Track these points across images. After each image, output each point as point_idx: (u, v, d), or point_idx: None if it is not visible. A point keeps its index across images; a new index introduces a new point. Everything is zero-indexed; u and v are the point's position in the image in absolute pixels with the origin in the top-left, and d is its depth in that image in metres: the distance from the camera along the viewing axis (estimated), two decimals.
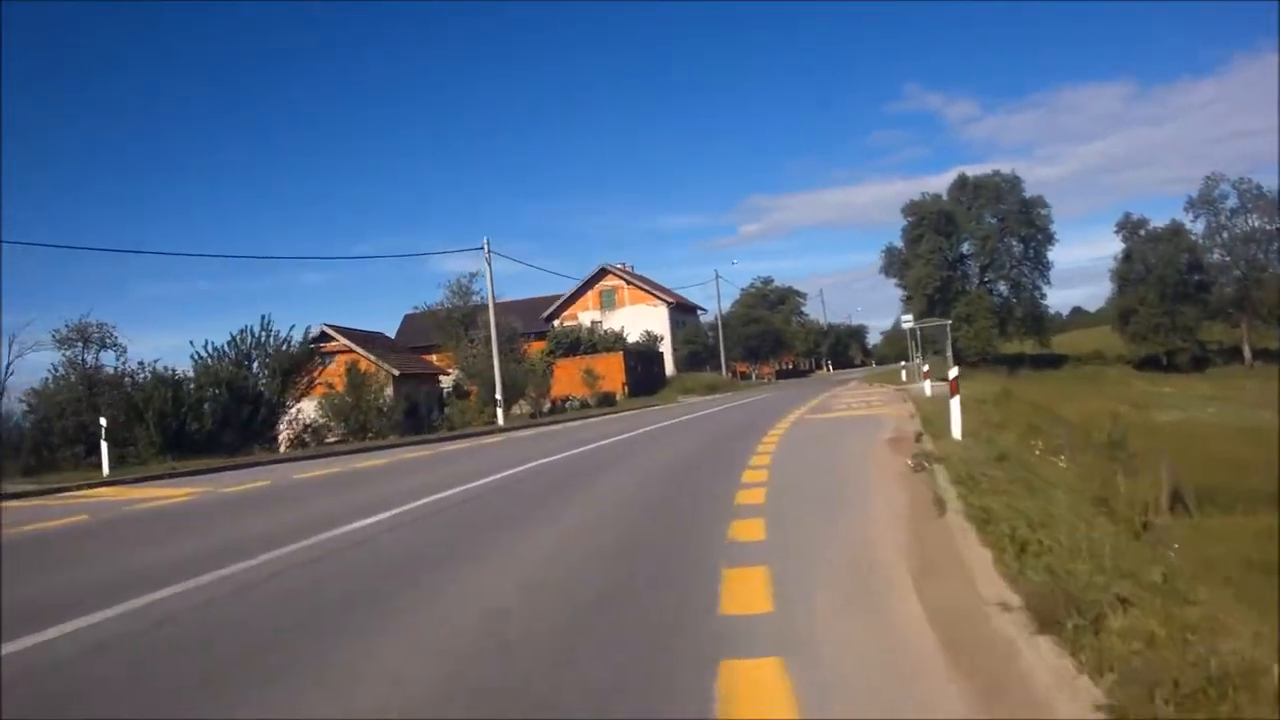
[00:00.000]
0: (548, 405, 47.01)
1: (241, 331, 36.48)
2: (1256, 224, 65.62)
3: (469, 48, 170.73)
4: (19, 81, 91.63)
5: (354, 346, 48.98)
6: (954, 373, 11.46)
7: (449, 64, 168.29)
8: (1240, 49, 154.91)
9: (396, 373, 48.65)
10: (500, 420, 35.82)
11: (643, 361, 59.63)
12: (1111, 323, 78.50)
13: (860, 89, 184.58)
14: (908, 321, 40.91)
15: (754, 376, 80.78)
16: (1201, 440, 23.68)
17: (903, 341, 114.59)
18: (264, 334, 37.97)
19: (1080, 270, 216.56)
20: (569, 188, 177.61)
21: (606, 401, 45.63)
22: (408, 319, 69.79)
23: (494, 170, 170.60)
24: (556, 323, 71.41)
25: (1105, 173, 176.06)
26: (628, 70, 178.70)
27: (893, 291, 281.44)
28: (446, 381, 52.74)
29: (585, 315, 73.10)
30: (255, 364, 38.30)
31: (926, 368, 24.19)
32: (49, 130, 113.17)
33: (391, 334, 69.95)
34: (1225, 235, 66.56)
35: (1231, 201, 66.27)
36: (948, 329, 35.63)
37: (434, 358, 57.42)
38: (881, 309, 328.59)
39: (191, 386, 29.94)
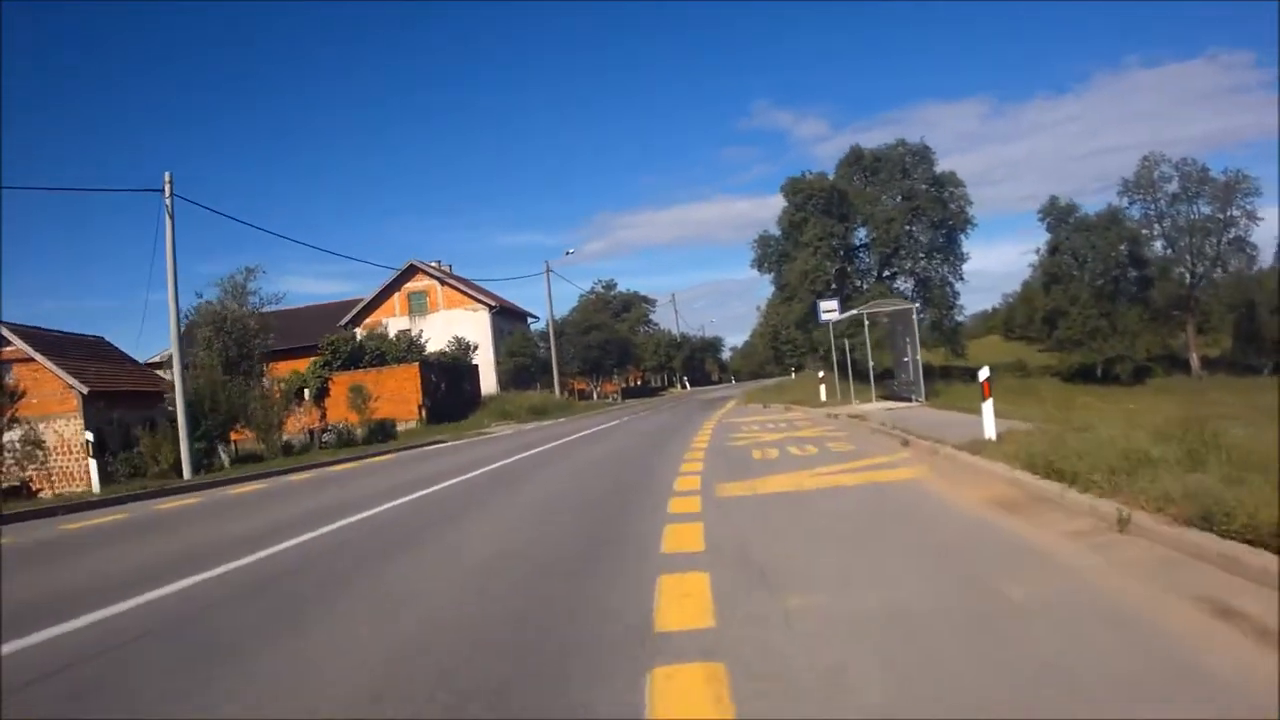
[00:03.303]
0: (305, 436, 32.58)
1: None
2: (1206, 211, 57.00)
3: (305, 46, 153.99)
4: None
5: (33, 353, 33.08)
6: None
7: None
8: (1102, 67, 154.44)
9: (84, 390, 33.12)
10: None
11: (448, 377, 45.45)
12: (1002, 331, 69.98)
13: (709, 106, 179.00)
14: (830, 312, 28.09)
15: (595, 395, 67.63)
16: None
17: (759, 356, 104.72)
18: None
19: None
20: (397, 199, 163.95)
21: (383, 432, 31.47)
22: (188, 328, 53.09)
23: (322, 181, 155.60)
24: (359, 331, 56.19)
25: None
26: (469, 82, 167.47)
27: (738, 309, 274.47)
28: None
29: (393, 323, 58.42)
30: None
31: (986, 374, 11.53)
32: None
33: None
34: (1166, 224, 57.83)
35: (1172, 186, 57.60)
36: (912, 316, 23.31)
37: None
38: (725, 327, 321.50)
39: None
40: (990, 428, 10.99)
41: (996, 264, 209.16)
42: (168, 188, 23.42)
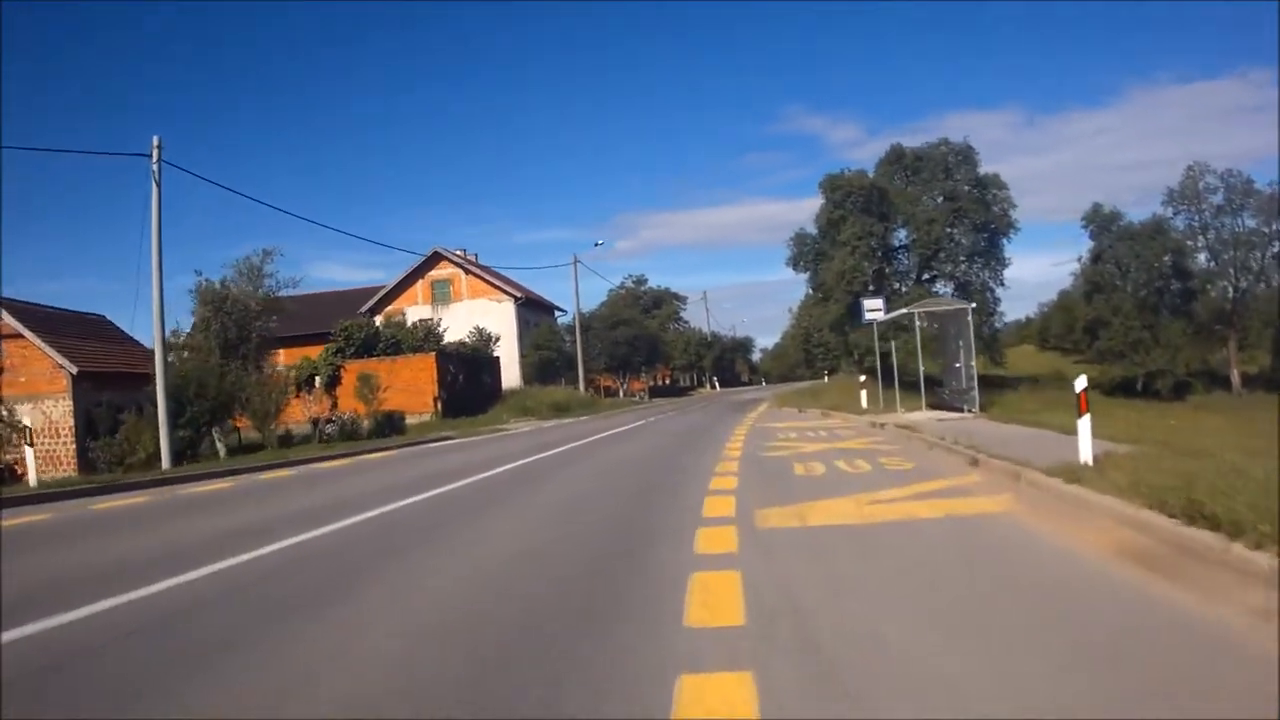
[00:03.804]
0: (309, 426, 30.72)
1: None
2: (1251, 224, 54.38)
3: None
4: None
5: (21, 329, 31.40)
6: None
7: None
8: (1136, 82, 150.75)
9: (74, 370, 31.41)
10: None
11: (467, 368, 43.61)
12: (1036, 341, 67.78)
13: (741, 108, 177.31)
14: (875, 311, 25.94)
15: (621, 392, 65.64)
16: None
17: (790, 358, 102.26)
18: None
19: None
20: (435, 198, 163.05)
21: (391, 425, 29.63)
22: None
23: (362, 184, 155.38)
24: (378, 318, 54.39)
25: None
26: (501, 81, 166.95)
27: (768, 312, 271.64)
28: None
29: (416, 311, 56.64)
30: None
31: (1083, 383, 9.47)
32: None
33: None
34: (1210, 236, 55.33)
35: (1217, 198, 54.96)
36: (967, 318, 21.29)
37: None
38: (755, 329, 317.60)
39: None
40: (1086, 450, 8.90)
41: (1027, 273, 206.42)
42: (155, 153, 21.60)
